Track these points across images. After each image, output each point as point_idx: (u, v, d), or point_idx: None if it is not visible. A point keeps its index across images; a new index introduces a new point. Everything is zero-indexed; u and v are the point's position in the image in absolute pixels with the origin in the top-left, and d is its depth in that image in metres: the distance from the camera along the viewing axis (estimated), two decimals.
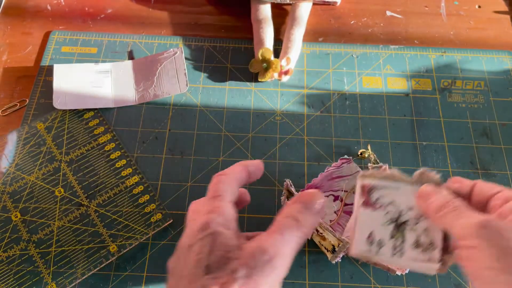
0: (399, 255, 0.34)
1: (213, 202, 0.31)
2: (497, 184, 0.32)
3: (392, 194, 0.36)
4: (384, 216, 0.35)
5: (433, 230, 0.33)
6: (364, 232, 0.36)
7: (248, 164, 0.35)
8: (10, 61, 0.53)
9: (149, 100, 0.50)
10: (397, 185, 0.35)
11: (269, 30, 0.53)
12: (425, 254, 0.34)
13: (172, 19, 0.57)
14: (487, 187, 0.32)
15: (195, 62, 0.53)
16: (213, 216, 0.30)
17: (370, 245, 0.35)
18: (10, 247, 0.42)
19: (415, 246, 0.34)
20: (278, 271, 0.28)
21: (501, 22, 0.58)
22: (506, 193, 0.30)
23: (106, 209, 0.44)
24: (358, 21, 0.58)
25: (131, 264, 0.42)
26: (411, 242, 0.34)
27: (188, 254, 0.29)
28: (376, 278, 0.41)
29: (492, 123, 0.50)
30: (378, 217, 0.35)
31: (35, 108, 0.49)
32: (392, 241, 0.35)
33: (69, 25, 0.56)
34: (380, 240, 0.35)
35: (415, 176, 0.36)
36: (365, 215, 0.36)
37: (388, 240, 0.35)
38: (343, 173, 0.43)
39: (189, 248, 0.29)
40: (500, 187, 0.31)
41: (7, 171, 0.45)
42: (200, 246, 0.29)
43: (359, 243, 0.35)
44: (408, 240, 0.35)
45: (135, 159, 0.47)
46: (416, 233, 0.35)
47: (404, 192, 0.35)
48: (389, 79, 0.52)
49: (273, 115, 0.50)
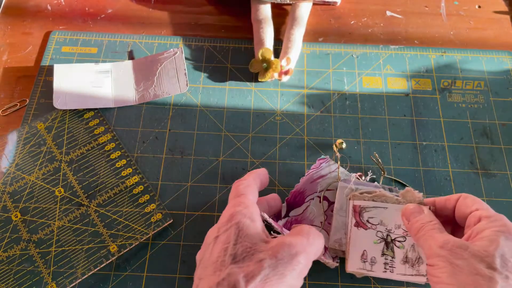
0: (390, 270, 0.36)
1: (237, 199, 0.33)
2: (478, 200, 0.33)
3: (381, 213, 0.38)
4: (375, 236, 0.37)
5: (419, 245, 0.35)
6: (358, 251, 0.38)
7: (258, 172, 0.37)
8: (10, 61, 0.53)
9: (149, 100, 0.50)
10: (385, 205, 0.37)
11: (269, 30, 0.53)
12: (413, 269, 0.36)
13: (172, 19, 0.57)
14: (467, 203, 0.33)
15: (195, 62, 0.53)
16: (237, 208, 0.32)
17: (364, 263, 0.37)
18: (10, 247, 0.42)
19: (403, 262, 0.36)
20: (302, 266, 0.29)
21: (501, 22, 0.58)
22: (479, 213, 0.31)
23: (106, 209, 0.44)
24: (358, 21, 0.58)
25: (131, 264, 0.42)
26: (400, 258, 0.37)
27: (215, 245, 0.30)
28: (376, 278, 0.41)
29: (492, 123, 0.50)
30: (369, 236, 0.37)
31: (35, 108, 0.49)
32: (383, 258, 0.37)
33: (69, 25, 0.56)
34: (372, 258, 0.37)
35: (401, 194, 0.38)
36: (358, 235, 0.38)
37: (379, 257, 0.37)
38: (323, 173, 0.43)
39: (216, 239, 0.31)
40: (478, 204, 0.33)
41: (7, 171, 0.45)
42: (226, 236, 0.30)
43: (354, 261, 0.37)
44: (398, 257, 0.37)
45: (135, 159, 0.47)
46: (404, 249, 0.37)
47: (391, 211, 0.38)
48: (389, 79, 0.52)
49: (273, 115, 0.50)
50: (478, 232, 0.30)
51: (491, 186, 0.46)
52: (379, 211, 0.38)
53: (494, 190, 0.46)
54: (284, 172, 0.46)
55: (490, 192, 0.46)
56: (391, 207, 0.37)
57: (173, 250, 0.43)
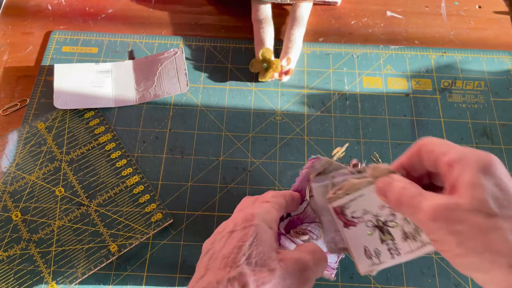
0: (397, 254, 0.35)
1: (261, 203, 0.34)
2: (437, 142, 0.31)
3: (360, 203, 0.36)
4: (366, 227, 0.36)
5: None
6: (360, 250, 0.37)
7: (294, 195, 0.38)
8: (10, 61, 0.53)
9: (150, 100, 0.50)
10: (360, 192, 0.35)
11: (270, 30, 0.53)
12: (416, 242, 0.34)
13: (172, 19, 0.57)
14: (430, 153, 0.31)
15: (196, 62, 0.53)
16: (259, 211, 0.32)
17: (371, 259, 0.36)
18: (10, 246, 0.42)
19: (404, 239, 0.34)
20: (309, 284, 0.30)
21: (501, 23, 0.58)
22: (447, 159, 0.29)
23: (107, 209, 0.44)
24: (359, 21, 0.58)
25: (132, 263, 0.42)
26: (400, 237, 0.35)
27: (228, 239, 0.30)
28: (376, 278, 0.41)
29: (492, 123, 0.50)
30: (362, 231, 0.36)
31: (35, 107, 0.49)
32: (384, 245, 0.35)
33: (69, 25, 0.56)
34: (375, 250, 0.36)
35: (369, 175, 0.35)
36: (351, 235, 0.37)
37: (381, 246, 0.35)
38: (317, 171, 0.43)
39: (230, 234, 0.31)
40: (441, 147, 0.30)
41: (8, 171, 0.45)
42: (243, 234, 0.30)
43: (362, 262, 0.36)
44: (397, 237, 0.35)
45: (135, 159, 0.47)
46: (399, 226, 0.35)
47: (368, 195, 0.35)
48: (390, 79, 0.52)
49: (274, 115, 0.50)
50: (458, 181, 0.28)
51: None
52: (358, 202, 0.35)
53: None
54: (284, 172, 0.46)
55: None
56: (366, 191, 0.35)
57: (173, 250, 0.43)
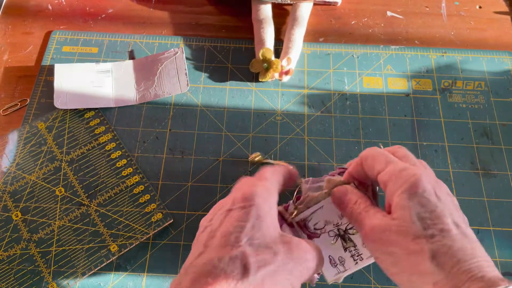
0: (360, 259, 0.36)
1: (259, 180, 0.33)
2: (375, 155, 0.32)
3: (321, 215, 0.37)
4: (329, 237, 0.37)
5: None
6: (325, 260, 0.37)
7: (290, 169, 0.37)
8: (11, 61, 0.53)
9: (150, 100, 0.50)
10: (319, 204, 0.37)
11: (270, 30, 0.53)
12: None
13: (173, 19, 0.57)
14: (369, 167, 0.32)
15: (196, 62, 0.53)
16: (259, 189, 0.31)
17: (336, 267, 0.36)
18: (10, 246, 0.42)
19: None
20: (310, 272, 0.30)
21: (502, 23, 0.58)
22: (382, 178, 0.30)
23: (107, 209, 0.44)
24: (359, 21, 0.58)
25: (132, 263, 0.42)
26: (361, 243, 0.36)
27: (226, 217, 0.30)
28: (376, 278, 0.41)
29: (493, 123, 0.50)
30: (325, 241, 0.37)
31: (36, 107, 0.49)
32: (347, 252, 0.36)
33: (70, 25, 0.56)
34: (339, 258, 0.37)
35: (325, 187, 0.37)
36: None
37: (344, 254, 0.36)
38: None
39: (228, 212, 0.30)
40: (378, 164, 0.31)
41: (8, 171, 0.45)
42: (242, 214, 0.29)
43: (328, 272, 0.37)
44: (358, 243, 0.36)
45: (135, 159, 0.47)
46: (358, 233, 0.36)
47: (327, 206, 0.37)
48: (390, 79, 0.52)
49: (274, 115, 0.50)
50: (391, 200, 0.29)
51: (492, 187, 0.46)
52: (318, 213, 0.37)
53: (495, 191, 0.46)
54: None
55: (490, 193, 0.46)
56: (325, 203, 0.37)
57: (174, 250, 0.43)
